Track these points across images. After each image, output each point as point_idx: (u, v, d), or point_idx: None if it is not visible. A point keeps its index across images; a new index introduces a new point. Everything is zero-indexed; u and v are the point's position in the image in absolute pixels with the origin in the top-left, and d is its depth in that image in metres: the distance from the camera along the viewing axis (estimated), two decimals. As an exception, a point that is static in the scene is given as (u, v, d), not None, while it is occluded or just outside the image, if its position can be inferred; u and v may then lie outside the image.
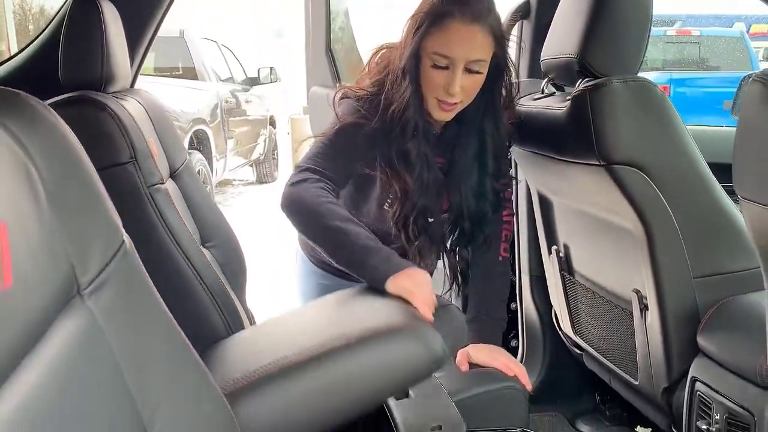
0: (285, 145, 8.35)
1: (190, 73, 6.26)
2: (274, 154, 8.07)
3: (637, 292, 1.35)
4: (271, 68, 7.49)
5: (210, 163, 5.77)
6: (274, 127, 8.09)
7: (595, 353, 1.64)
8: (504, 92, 1.39)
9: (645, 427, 1.81)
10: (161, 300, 0.75)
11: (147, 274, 0.75)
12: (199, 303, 1.11)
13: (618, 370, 1.54)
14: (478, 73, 1.29)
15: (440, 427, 0.96)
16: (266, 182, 7.81)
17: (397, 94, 1.31)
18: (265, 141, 7.61)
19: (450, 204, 1.45)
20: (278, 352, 0.91)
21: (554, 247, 1.69)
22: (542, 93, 1.51)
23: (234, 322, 1.15)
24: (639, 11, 1.28)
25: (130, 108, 1.18)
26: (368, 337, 0.92)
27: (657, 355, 1.34)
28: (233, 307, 1.18)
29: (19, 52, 1.49)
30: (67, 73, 1.14)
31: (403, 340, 0.94)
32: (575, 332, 1.72)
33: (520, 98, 1.55)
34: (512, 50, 1.81)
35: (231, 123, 6.60)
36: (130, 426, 0.65)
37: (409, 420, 0.98)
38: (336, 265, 1.26)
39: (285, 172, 7.58)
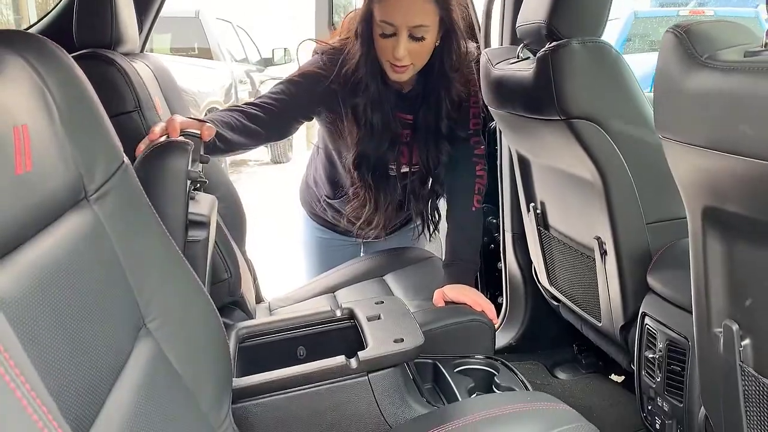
0: (298, 126, 8.45)
1: (206, 54, 6.40)
2: (288, 135, 8.18)
3: (598, 239, 1.48)
4: (285, 49, 7.60)
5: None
6: (288, 108, 8.20)
7: (567, 302, 1.77)
8: (453, 56, 1.50)
9: (619, 375, 1.93)
10: (156, 215, 0.89)
11: (144, 192, 0.89)
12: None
13: (585, 315, 1.67)
14: (422, 39, 1.41)
15: (402, 339, 1.09)
16: (280, 162, 7.95)
17: (351, 54, 1.47)
18: (278, 121, 7.72)
19: (419, 158, 1.60)
20: None
21: (532, 204, 1.81)
22: (517, 58, 1.62)
23: (231, 262, 1.29)
24: (600, -21, 1.39)
25: (137, 66, 1.32)
26: None
27: (615, 296, 1.47)
28: (229, 246, 1.32)
29: (38, 21, 1.64)
30: (80, 35, 1.28)
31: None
32: (551, 283, 1.84)
33: (498, 63, 1.67)
34: (497, 18, 1.93)
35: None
36: (129, 311, 0.79)
37: (376, 333, 1.13)
38: None
39: (299, 152, 7.71)
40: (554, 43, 1.37)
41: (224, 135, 1.36)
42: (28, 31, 1.61)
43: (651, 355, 1.32)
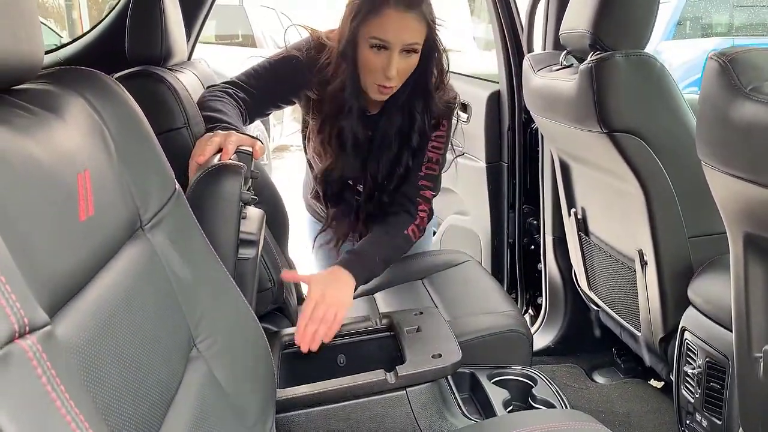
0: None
1: (249, 41, 6.47)
2: (329, 120, 8.22)
3: (639, 250, 1.47)
4: (328, 36, 7.63)
5: (267, 130, 6.01)
6: (330, 94, 8.23)
7: (606, 308, 1.77)
8: (435, 73, 1.45)
9: (658, 381, 1.93)
10: (205, 237, 0.93)
11: (194, 217, 0.93)
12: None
13: (625, 323, 1.67)
14: (413, 52, 1.36)
15: (440, 355, 1.12)
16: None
17: (337, 72, 1.41)
18: (320, 107, 7.77)
19: (367, 173, 1.54)
20: None
21: (573, 210, 1.81)
22: (561, 65, 1.62)
23: (275, 270, 1.33)
24: (647, -10, 1.37)
25: (185, 79, 1.36)
26: None
27: (655, 307, 1.46)
28: (273, 256, 1.35)
29: (90, 30, 1.70)
30: (132, 51, 1.33)
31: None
32: (590, 289, 1.84)
33: (541, 69, 1.67)
34: (540, 24, 1.92)
35: (289, 90, 6.79)
36: (182, 334, 0.83)
37: (415, 347, 1.15)
38: None
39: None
40: (597, 56, 1.36)
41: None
42: (80, 46, 1.68)
43: (690, 371, 1.32)
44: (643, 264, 1.47)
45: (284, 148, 8.13)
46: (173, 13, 1.40)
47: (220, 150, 1.15)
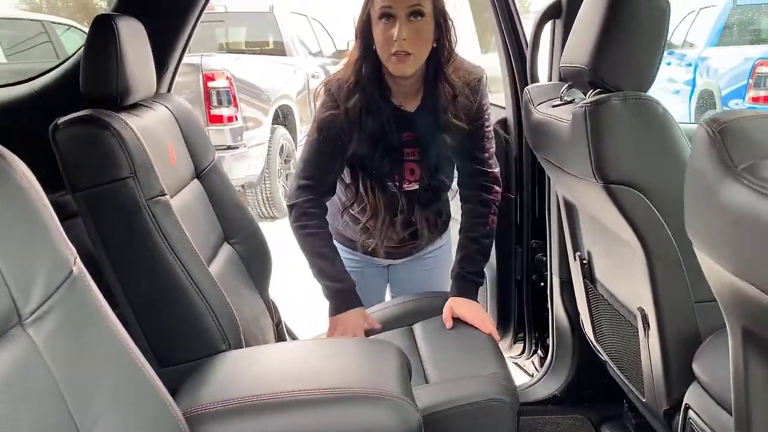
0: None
1: (280, 48, 6.42)
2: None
3: (641, 310, 1.32)
4: (360, 41, 7.55)
5: (294, 137, 5.95)
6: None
7: (611, 364, 1.61)
8: (447, 47, 1.54)
9: (673, 440, 1.76)
10: (114, 323, 0.83)
11: (100, 298, 0.83)
12: (196, 312, 1.19)
13: (629, 385, 1.51)
14: (419, 18, 1.46)
15: None
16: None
17: (352, 59, 1.55)
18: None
19: (423, 174, 1.66)
20: (257, 387, 0.99)
21: (578, 254, 1.66)
22: (561, 100, 1.47)
23: (230, 332, 1.23)
24: (653, 26, 1.22)
25: (142, 122, 1.27)
26: (345, 397, 0.98)
27: (658, 376, 1.31)
28: (230, 317, 1.26)
29: (61, 63, 1.63)
30: (85, 89, 1.24)
31: (382, 407, 0.99)
32: (596, 340, 1.69)
33: (540, 104, 1.52)
34: (545, 50, 1.77)
35: (320, 96, 6.73)
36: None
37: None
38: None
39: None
40: (594, 98, 1.21)
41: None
42: (49, 80, 1.60)
43: (694, 455, 1.16)
44: (646, 326, 1.31)
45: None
46: (134, 48, 1.30)
47: None
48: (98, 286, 0.85)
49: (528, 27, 1.80)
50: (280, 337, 1.68)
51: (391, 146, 1.60)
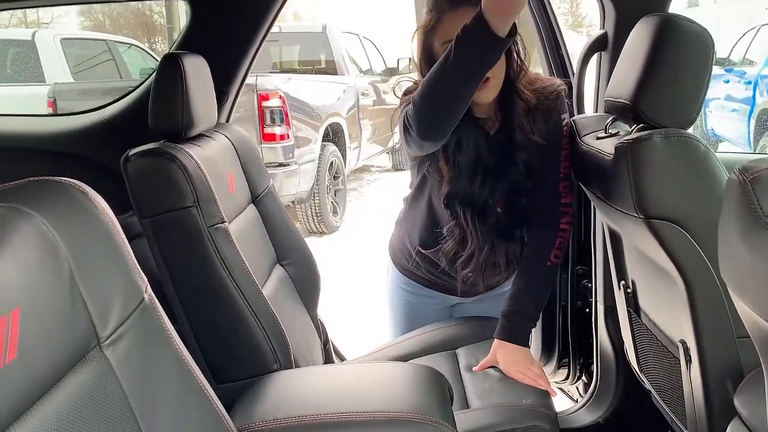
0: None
1: (331, 66, 6.57)
2: (409, 143, 8.22)
3: (683, 342, 1.33)
4: (410, 59, 7.64)
5: (343, 154, 6.06)
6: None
7: (655, 393, 1.62)
8: (516, 61, 1.47)
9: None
10: (178, 344, 0.91)
11: (166, 321, 0.90)
12: (250, 333, 1.27)
13: (672, 416, 1.51)
14: None
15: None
16: (401, 169, 8.02)
17: None
18: (401, 130, 7.78)
19: (497, 189, 1.57)
20: (306, 407, 1.06)
21: (622, 282, 1.67)
22: (606, 132, 1.50)
23: (281, 352, 1.30)
24: (697, 64, 1.24)
25: (205, 152, 1.36)
26: (389, 421, 1.04)
27: (700, 410, 1.31)
28: (282, 338, 1.33)
29: (132, 90, 1.74)
30: (153, 123, 1.34)
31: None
32: (640, 369, 1.69)
33: (585, 135, 1.55)
34: (592, 81, 1.80)
35: (370, 113, 6.86)
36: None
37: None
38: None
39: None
40: (636, 134, 1.24)
41: None
42: (120, 108, 1.71)
43: (735, 493, 1.17)
44: (688, 359, 1.32)
45: (365, 169, 8.21)
46: (199, 84, 1.40)
47: None
48: (161, 303, 0.92)
49: (579, 42, 1.82)
50: (327, 356, 1.75)
51: (489, 170, 1.54)
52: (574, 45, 1.99)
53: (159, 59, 1.40)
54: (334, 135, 5.94)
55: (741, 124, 7.02)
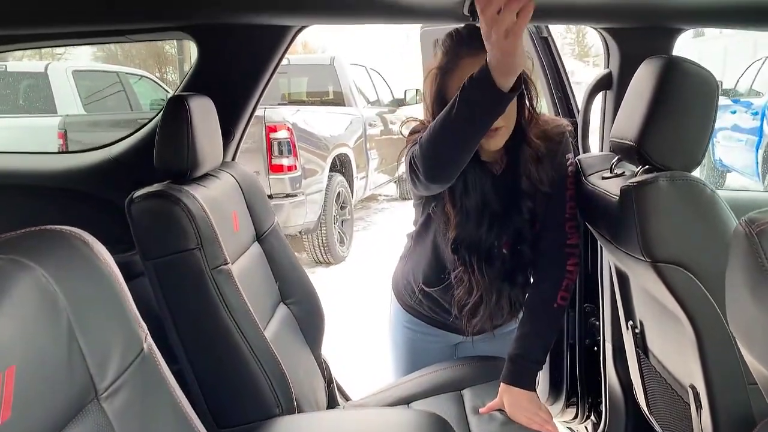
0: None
1: (339, 98, 6.63)
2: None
3: (693, 388, 1.31)
4: (417, 90, 7.70)
5: (350, 183, 6.08)
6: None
7: (665, 439, 1.58)
8: (527, 106, 1.45)
9: None
10: (177, 394, 0.90)
11: (166, 370, 0.89)
12: (252, 377, 1.25)
13: (685, 464, 1.48)
14: None
15: None
16: (408, 198, 8.02)
17: None
18: (408, 160, 7.81)
19: (502, 231, 1.55)
20: None
21: (630, 323, 1.65)
22: (612, 173, 1.49)
23: (283, 397, 1.28)
24: (702, 105, 1.24)
25: (209, 193, 1.36)
26: None
27: (712, 458, 1.28)
28: (285, 381, 1.31)
29: (141, 128, 1.76)
30: (159, 164, 1.35)
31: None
32: (650, 411, 1.66)
33: (591, 175, 1.55)
34: (597, 119, 1.80)
35: (377, 143, 6.90)
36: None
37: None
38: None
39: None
40: (640, 176, 1.24)
41: None
42: (126, 146, 1.72)
43: None
44: (698, 405, 1.29)
45: (372, 198, 8.23)
46: (204, 125, 1.41)
47: None
48: (162, 343, 0.91)
49: (585, 71, 1.83)
50: (331, 396, 1.73)
51: (495, 213, 1.53)
52: (581, 75, 2.00)
53: (169, 90, 1.40)
54: (341, 165, 5.96)
55: (749, 155, 7.01)
